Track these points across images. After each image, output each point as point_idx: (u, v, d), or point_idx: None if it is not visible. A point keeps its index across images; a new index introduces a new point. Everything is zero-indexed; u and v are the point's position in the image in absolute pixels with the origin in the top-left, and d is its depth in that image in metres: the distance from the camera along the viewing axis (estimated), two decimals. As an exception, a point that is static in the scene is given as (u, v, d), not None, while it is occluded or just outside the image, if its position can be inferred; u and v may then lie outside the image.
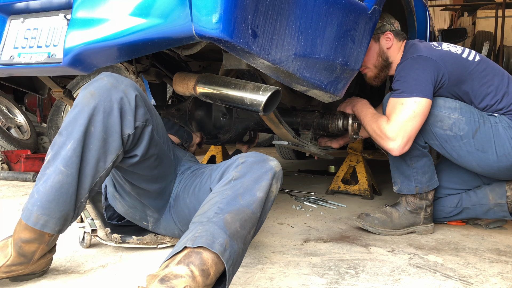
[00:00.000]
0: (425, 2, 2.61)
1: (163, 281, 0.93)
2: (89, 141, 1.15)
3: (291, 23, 1.28)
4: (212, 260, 0.99)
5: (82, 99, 1.17)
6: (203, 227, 1.04)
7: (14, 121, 4.23)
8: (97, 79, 1.21)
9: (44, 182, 1.13)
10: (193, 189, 1.39)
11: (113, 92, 1.18)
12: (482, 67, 1.82)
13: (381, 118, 1.80)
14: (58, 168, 1.13)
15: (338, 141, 2.29)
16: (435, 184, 1.90)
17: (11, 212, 2.10)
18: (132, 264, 1.42)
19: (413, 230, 1.91)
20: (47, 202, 1.13)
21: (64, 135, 1.15)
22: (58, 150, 1.15)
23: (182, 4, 1.13)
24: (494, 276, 1.41)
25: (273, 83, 1.55)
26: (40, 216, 1.13)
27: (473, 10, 9.61)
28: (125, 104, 1.19)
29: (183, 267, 0.96)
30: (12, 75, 1.59)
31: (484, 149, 1.76)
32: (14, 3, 1.51)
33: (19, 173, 3.07)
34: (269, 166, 1.18)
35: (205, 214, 1.09)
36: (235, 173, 1.17)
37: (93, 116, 1.15)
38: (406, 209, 1.91)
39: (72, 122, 1.15)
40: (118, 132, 1.18)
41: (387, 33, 1.93)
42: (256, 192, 1.12)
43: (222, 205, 1.09)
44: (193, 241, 1.00)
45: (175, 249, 1.02)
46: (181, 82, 1.57)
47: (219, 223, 1.04)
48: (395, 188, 1.94)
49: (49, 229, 1.15)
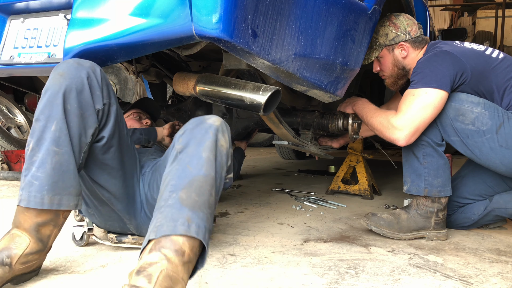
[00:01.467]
0: (425, 2, 2.61)
1: (139, 272, 0.94)
2: (69, 119, 1.18)
3: (291, 23, 1.28)
4: (184, 239, 0.99)
5: (52, 81, 1.19)
6: (161, 214, 1.03)
7: (14, 121, 4.23)
8: (62, 62, 1.23)
9: (40, 167, 1.15)
10: (157, 184, 1.36)
11: (80, 69, 1.21)
12: (506, 64, 1.76)
13: (388, 111, 1.76)
14: (51, 150, 1.15)
15: (338, 140, 2.28)
16: (447, 192, 1.79)
17: (11, 212, 2.10)
18: (132, 264, 1.42)
19: (422, 235, 1.81)
20: (54, 183, 1.16)
21: (42, 120, 1.17)
22: (41, 134, 1.16)
23: (182, 4, 1.14)
24: (494, 276, 1.41)
25: (273, 83, 1.55)
26: (53, 197, 1.16)
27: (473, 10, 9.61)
28: (92, 80, 1.22)
29: (155, 253, 0.97)
30: (12, 75, 1.59)
31: (509, 145, 1.67)
32: (14, 3, 1.51)
33: (19, 173, 3.06)
34: (208, 124, 1.16)
35: (162, 197, 1.08)
36: (178, 146, 1.15)
37: (67, 94, 1.18)
38: (416, 212, 1.82)
39: (49, 104, 1.17)
40: (92, 106, 1.22)
41: (401, 44, 1.87)
42: (202, 154, 1.11)
43: (174, 181, 1.08)
44: (155, 232, 1.00)
45: (143, 244, 1.02)
46: (181, 82, 1.57)
47: (175, 205, 1.03)
48: (405, 188, 1.85)
49: (65, 205, 1.18)
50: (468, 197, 1.93)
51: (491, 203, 1.89)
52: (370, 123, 1.83)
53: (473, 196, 1.93)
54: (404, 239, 1.81)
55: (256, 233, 1.80)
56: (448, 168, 1.80)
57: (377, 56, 1.92)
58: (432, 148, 1.76)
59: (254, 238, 1.74)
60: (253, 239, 1.72)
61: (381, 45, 1.90)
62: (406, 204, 1.94)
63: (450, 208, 1.93)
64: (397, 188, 2.92)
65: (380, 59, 1.94)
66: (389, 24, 1.89)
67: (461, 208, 1.95)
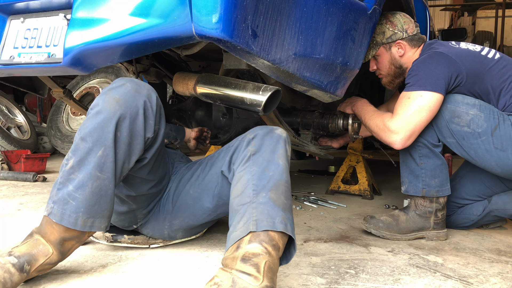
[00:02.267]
0: (425, 2, 2.61)
1: (244, 260, 1.04)
2: (117, 146, 1.19)
3: (291, 23, 1.28)
4: (278, 235, 1.10)
5: (107, 105, 1.18)
6: (255, 210, 1.12)
7: (14, 121, 4.23)
8: (120, 84, 1.22)
9: (79, 188, 1.16)
10: (195, 179, 1.43)
11: (137, 98, 1.21)
12: (502, 64, 1.75)
13: (385, 114, 1.76)
14: (93, 175, 1.16)
15: (338, 140, 2.28)
16: (446, 192, 1.79)
17: (11, 212, 2.10)
18: (132, 264, 1.42)
19: (421, 235, 1.82)
20: (90, 206, 1.17)
21: (89, 141, 1.17)
22: (84, 156, 1.17)
23: (182, 4, 1.13)
24: (494, 276, 1.41)
25: (273, 83, 1.55)
26: (87, 219, 1.18)
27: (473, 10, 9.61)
28: (147, 109, 1.23)
29: (257, 245, 1.07)
30: (12, 75, 1.59)
31: (504, 147, 1.67)
32: (14, 3, 1.51)
33: (19, 173, 3.06)
34: (277, 134, 1.27)
35: (244, 194, 1.17)
36: (251, 148, 1.24)
37: (120, 122, 1.18)
38: (414, 213, 1.82)
39: (99, 128, 1.17)
40: (142, 136, 1.23)
41: (399, 42, 1.87)
42: (279, 161, 1.21)
43: (255, 181, 1.17)
44: (256, 226, 1.09)
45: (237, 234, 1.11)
46: (181, 82, 1.57)
47: (269, 203, 1.13)
48: (403, 188, 1.86)
49: (97, 228, 1.20)
50: (467, 197, 1.93)
51: (489, 204, 1.89)
52: (367, 125, 1.83)
53: (472, 196, 1.93)
54: (404, 240, 1.81)
55: (256, 233, 1.80)
56: (445, 168, 1.80)
57: (374, 54, 1.92)
58: (428, 149, 1.76)
59: (254, 238, 1.74)
60: (253, 239, 1.72)
61: (378, 44, 1.90)
62: (406, 204, 1.94)
63: (449, 208, 1.93)
64: (397, 188, 2.92)
65: (377, 57, 1.94)
66: (386, 22, 1.89)
67: (460, 209, 1.95)
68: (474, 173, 1.92)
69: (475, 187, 1.92)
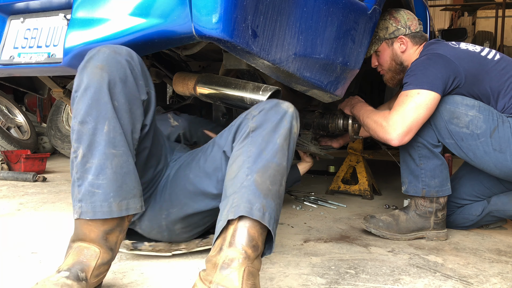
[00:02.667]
0: (425, 2, 2.61)
1: (223, 268, 1.00)
2: (121, 116, 1.09)
3: (291, 23, 1.28)
4: (257, 231, 1.05)
5: (92, 76, 1.07)
6: (237, 194, 1.07)
7: (14, 121, 4.23)
8: (96, 52, 1.10)
9: (100, 174, 1.05)
10: (196, 162, 1.33)
11: (119, 59, 1.10)
12: (501, 66, 1.75)
13: (383, 111, 1.77)
14: (109, 153, 1.06)
15: (338, 140, 2.28)
16: (446, 192, 1.80)
17: (11, 212, 2.10)
18: (132, 264, 1.42)
19: (422, 235, 1.82)
20: (118, 188, 1.07)
21: (91, 121, 1.06)
22: (92, 138, 1.06)
23: (182, 4, 1.13)
24: (494, 276, 1.41)
25: (273, 83, 1.55)
26: (121, 203, 1.08)
27: (473, 10, 9.61)
28: (133, 69, 1.12)
29: (235, 249, 1.02)
30: (12, 75, 1.59)
31: (502, 149, 1.67)
32: (14, 3, 1.51)
33: (19, 173, 3.06)
34: (283, 109, 1.16)
35: (237, 177, 1.10)
36: (252, 124, 1.15)
37: (113, 89, 1.07)
38: (414, 213, 1.83)
39: (95, 103, 1.06)
40: (138, 98, 1.13)
41: (401, 37, 1.88)
42: (277, 140, 1.12)
43: (249, 164, 1.10)
44: (234, 213, 1.04)
45: (220, 224, 1.06)
46: (181, 82, 1.57)
47: (251, 187, 1.06)
48: (403, 188, 1.86)
49: (133, 209, 1.10)
50: (466, 197, 1.94)
51: (489, 205, 1.89)
52: (365, 124, 1.83)
53: (471, 197, 1.93)
54: (404, 240, 1.81)
55: (256, 233, 1.80)
56: (445, 168, 1.80)
57: (376, 50, 1.93)
58: (428, 149, 1.76)
59: (254, 238, 1.74)
60: (253, 239, 1.72)
61: (381, 39, 1.91)
62: (406, 204, 1.94)
63: (448, 208, 1.93)
64: (397, 188, 2.92)
65: (378, 53, 1.95)
66: (389, 18, 1.90)
67: (459, 209, 1.95)
68: (473, 174, 1.92)
69: (474, 187, 1.92)
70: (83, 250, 1.07)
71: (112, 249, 1.11)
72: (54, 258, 1.45)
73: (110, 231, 1.09)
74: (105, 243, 1.09)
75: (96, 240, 1.08)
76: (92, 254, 1.07)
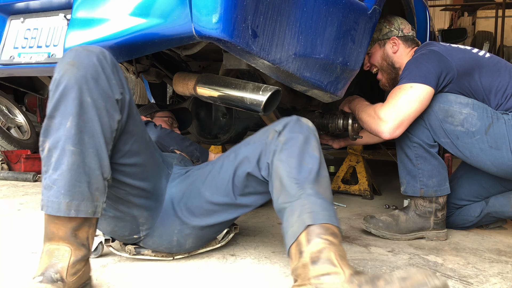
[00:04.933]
0: (425, 2, 2.61)
1: (314, 262, 1.02)
2: (88, 113, 1.06)
3: (291, 23, 1.28)
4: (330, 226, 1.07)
5: (63, 73, 1.05)
6: (306, 200, 1.09)
7: (14, 121, 4.23)
8: (68, 51, 1.09)
9: (57, 169, 1.03)
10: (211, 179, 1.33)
11: (91, 56, 1.07)
12: (493, 62, 1.76)
13: (377, 104, 1.77)
14: (67, 150, 1.03)
15: (339, 142, 2.28)
16: (444, 191, 1.79)
17: (11, 212, 2.10)
18: (131, 264, 1.42)
19: (421, 235, 1.82)
20: (71, 187, 1.03)
21: (57, 116, 1.04)
22: (56, 133, 1.04)
23: (182, 4, 1.14)
24: (494, 276, 1.41)
25: (273, 83, 1.55)
26: (70, 203, 1.04)
27: (473, 10, 9.61)
28: (105, 67, 1.09)
29: (317, 240, 1.04)
30: (12, 75, 1.59)
31: (498, 146, 1.66)
32: (14, 3, 1.51)
33: (19, 173, 3.06)
34: (306, 124, 1.22)
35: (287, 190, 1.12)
36: (282, 138, 1.19)
37: (84, 85, 1.05)
38: (414, 213, 1.82)
39: (63, 99, 1.04)
40: (111, 97, 1.10)
41: (393, 38, 1.91)
42: (314, 153, 1.17)
43: (295, 174, 1.13)
44: (312, 219, 1.06)
45: (294, 230, 1.07)
46: (181, 82, 1.57)
47: (318, 196, 1.11)
48: (402, 188, 1.86)
49: (83, 213, 1.05)
50: (464, 198, 1.94)
51: (487, 206, 1.89)
52: (359, 117, 1.83)
53: (469, 197, 1.93)
54: (404, 240, 1.81)
55: (256, 233, 1.80)
56: (443, 168, 1.79)
57: (368, 51, 1.95)
58: (424, 149, 1.76)
59: (254, 238, 1.74)
60: (253, 239, 1.72)
61: (374, 40, 1.94)
62: (406, 204, 1.94)
63: (447, 209, 1.93)
64: (397, 188, 2.91)
65: (370, 54, 1.97)
66: (384, 21, 1.94)
67: (458, 210, 1.95)
68: (471, 174, 1.91)
69: (472, 188, 1.92)
70: (53, 252, 1.06)
71: (84, 244, 1.09)
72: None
73: (77, 227, 1.07)
74: (75, 240, 1.07)
75: (65, 238, 1.06)
76: (63, 254, 1.05)
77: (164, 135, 1.83)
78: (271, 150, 1.20)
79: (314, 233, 1.05)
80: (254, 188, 1.28)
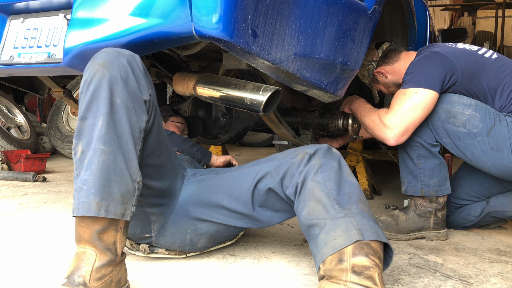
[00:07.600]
0: (425, 2, 2.60)
1: (357, 273, 1.05)
2: (118, 113, 1.06)
3: (291, 23, 1.28)
4: (377, 246, 1.10)
5: (93, 73, 1.07)
6: (353, 218, 1.11)
7: (14, 121, 4.23)
8: (100, 52, 1.12)
9: (88, 169, 1.03)
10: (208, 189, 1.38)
11: (121, 58, 1.10)
12: (499, 64, 1.75)
13: (381, 109, 1.77)
14: (97, 149, 1.03)
15: (338, 141, 2.28)
16: (445, 191, 1.79)
17: (11, 212, 2.10)
18: (132, 264, 1.42)
19: (421, 235, 1.82)
20: (101, 186, 1.02)
21: (90, 117, 1.05)
22: (90, 134, 1.04)
23: (182, 4, 1.13)
24: (494, 276, 1.41)
25: (273, 83, 1.55)
26: (100, 203, 1.02)
27: (473, 10, 9.61)
28: (135, 68, 1.11)
29: (364, 258, 1.06)
30: (12, 75, 1.59)
31: (499, 148, 1.66)
32: (14, 3, 1.51)
33: (19, 173, 3.06)
34: (337, 153, 1.26)
35: (325, 207, 1.14)
36: (316, 161, 1.20)
37: (114, 85, 1.06)
38: (414, 213, 1.82)
39: (94, 98, 1.05)
40: (140, 97, 1.11)
41: (376, 72, 1.95)
42: (349, 179, 1.21)
43: (335, 195, 1.15)
44: (361, 235, 1.08)
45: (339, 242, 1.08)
46: (181, 82, 1.57)
47: (364, 215, 1.13)
48: (402, 188, 1.86)
49: (113, 213, 1.03)
50: (465, 198, 1.93)
51: (488, 206, 1.89)
52: (363, 122, 1.84)
53: (470, 197, 1.93)
54: (404, 240, 1.81)
55: (256, 233, 1.80)
56: (444, 168, 1.79)
57: (378, 90, 2.05)
58: (426, 149, 1.76)
59: (254, 238, 1.74)
60: (253, 239, 1.72)
61: (370, 85, 2.02)
62: (406, 204, 1.94)
63: (448, 209, 1.93)
64: (397, 188, 2.92)
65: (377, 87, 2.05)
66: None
67: (458, 209, 1.95)
68: (472, 174, 1.91)
69: (473, 187, 1.92)
70: (81, 255, 1.05)
71: (109, 249, 1.06)
72: (54, 258, 1.45)
73: (102, 230, 1.04)
74: (100, 243, 1.05)
75: (90, 241, 1.04)
76: (88, 258, 1.04)
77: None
78: (301, 171, 1.20)
79: (363, 250, 1.07)
80: (272, 204, 1.30)
